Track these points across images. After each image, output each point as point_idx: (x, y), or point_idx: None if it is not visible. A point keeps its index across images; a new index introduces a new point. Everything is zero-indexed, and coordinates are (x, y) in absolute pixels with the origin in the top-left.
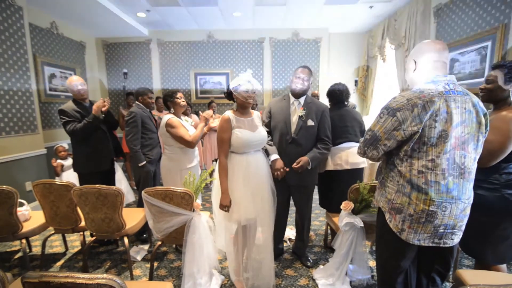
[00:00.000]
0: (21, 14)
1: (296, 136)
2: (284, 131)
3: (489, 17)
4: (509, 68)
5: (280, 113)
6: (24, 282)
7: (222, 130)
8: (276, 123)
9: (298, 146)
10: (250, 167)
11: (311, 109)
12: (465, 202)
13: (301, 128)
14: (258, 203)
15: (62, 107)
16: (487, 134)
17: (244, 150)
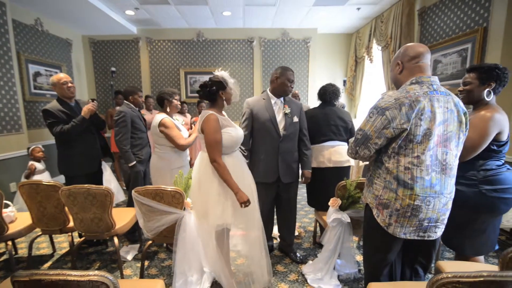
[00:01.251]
0: (4, 10)
1: (286, 133)
2: (273, 130)
3: (469, 20)
4: (483, 70)
5: (265, 113)
6: (14, 281)
7: (214, 131)
8: (261, 123)
9: (288, 142)
10: (237, 166)
11: (292, 106)
12: (447, 197)
13: (289, 125)
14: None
15: (46, 107)
16: (467, 132)
17: (232, 150)
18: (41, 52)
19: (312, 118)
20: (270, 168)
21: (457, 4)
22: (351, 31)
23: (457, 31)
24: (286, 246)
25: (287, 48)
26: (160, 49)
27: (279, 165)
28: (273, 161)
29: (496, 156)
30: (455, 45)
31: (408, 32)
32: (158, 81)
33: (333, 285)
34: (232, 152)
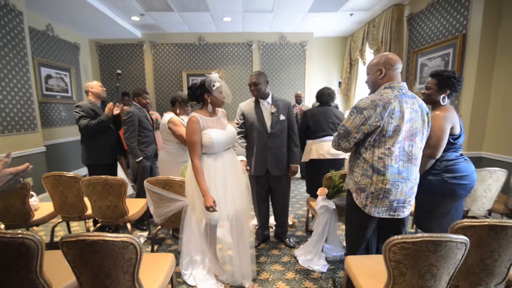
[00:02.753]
0: (21, 19)
1: (273, 131)
2: (261, 129)
3: (451, 27)
4: (442, 77)
5: (253, 114)
6: (63, 242)
7: (191, 132)
8: (251, 123)
9: (275, 138)
10: (226, 166)
11: (279, 105)
12: (412, 182)
13: (276, 123)
14: (237, 200)
15: (79, 103)
16: (429, 129)
17: (216, 150)
18: (52, 55)
19: (313, 116)
20: (260, 162)
21: (440, 11)
22: (346, 34)
23: (440, 36)
24: (280, 233)
25: (284, 51)
26: (164, 52)
27: (267, 159)
28: (262, 156)
29: (453, 148)
30: (439, 50)
31: (398, 36)
32: (162, 82)
33: (321, 265)
34: (213, 153)
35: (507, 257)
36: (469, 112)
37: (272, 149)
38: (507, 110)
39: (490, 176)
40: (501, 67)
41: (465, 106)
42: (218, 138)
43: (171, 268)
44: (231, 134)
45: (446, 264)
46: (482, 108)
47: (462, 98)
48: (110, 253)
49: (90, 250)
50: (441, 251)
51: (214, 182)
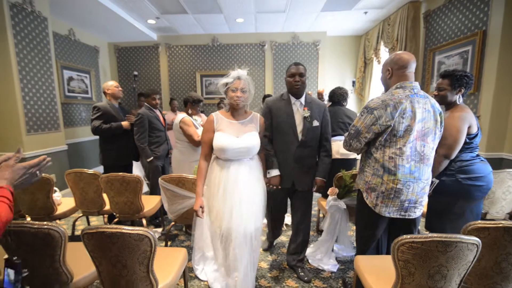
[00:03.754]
0: (46, 24)
1: (304, 139)
2: (290, 134)
3: (470, 23)
4: (455, 77)
5: (283, 114)
6: (84, 233)
7: (203, 131)
8: (278, 124)
9: (306, 148)
10: (230, 177)
11: (313, 108)
12: (424, 182)
13: (308, 130)
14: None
15: (96, 104)
16: (442, 129)
17: (225, 157)
18: (73, 58)
19: None
20: (284, 174)
21: (459, 8)
22: (360, 33)
23: (459, 34)
24: (293, 262)
25: (297, 51)
26: (178, 53)
27: (294, 171)
28: (288, 167)
29: (469, 148)
30: (457, 47)
31: (414, 34)
32: (176, 83)
33: (331, 265)
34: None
35: None
36: (489, 112)
37: (300, 159)
38: None
39: (511, 178)
40: None
41: (485, 106)
42: (224, 144)
43: (183, 262)
44: (243, 144)
45: (456, 265)
46: (503, 108)
47: (481, 98)
48: (127, 244)
49: (109, 241)
50: (451, 252)
51: (217, 190)
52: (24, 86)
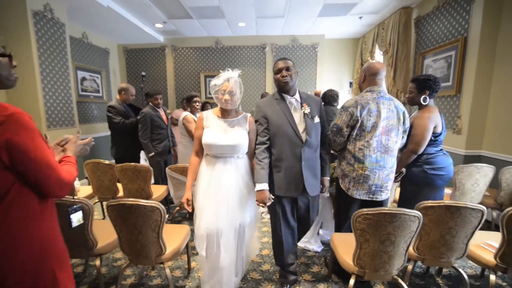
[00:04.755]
0: (63, 29)
1: (309, 138)
2: (292, 135)
3: (454, 30)
4: (419, 81)
5: (280, 116)
6: (109, 205)
7: (195, 128)
8: (277, 128)
9: (311, 148)
10: (215, 174)
11: (311, 104)
12: (388, 170)
13: (311, 128)
14: (222, 214)
15: (112, 104)
16: (406, 126)
17: (212, 153)
18: (86, 60)
19: None
20: (293, 180)
21: (445, 14)
22: (357, 36)
23: (444, 39)
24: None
25: (296, 53)
26: (183, 55)
27: (303, 175)
28: (296, 172)
29: (434, 144)
30: (443, 52)
31: (405, 38)
32: (182, 83)
33: (316, 246)
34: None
35: (463, 234)
36: (469, 113)
37: (308, 161)
38: (506, 111)
39: (478, 171)
40: (501, 69)
41: (465, 107)
42: (210, 140)
43: (186, 236)
44: (228, 142)
45: (402, 234)
46: (481, 109)
47: (462, 99)
48: (142, 214)
49: (128, 212)
50: (397, 222)
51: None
52: (45, 86)
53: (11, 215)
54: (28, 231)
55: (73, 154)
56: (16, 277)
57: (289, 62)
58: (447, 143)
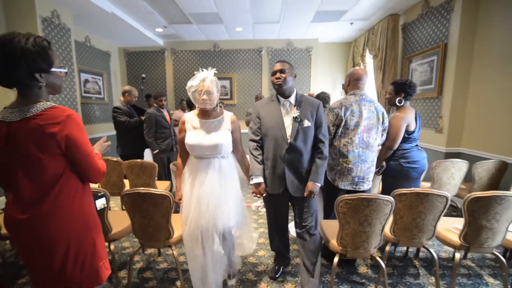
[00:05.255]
0: (69, 34)
1: (293, 142)
2: (279, 137)
3: (436, 36)
4: (397, 84)
5: (271, 117)
6: (124, 194)
7: (178, 131)
8: (267, 128)
9: (296, 151)
10: (201, 173)
11: (305, 107)
12: (369, 163)
13: (298, 132)
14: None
15: (117, 105)
16: (385, 125)
17: (195, 154)
18: (89, 63)
19: None
20: (276, 178)
21: (428, 22)
22: (349, 40)
23: (428, 45)
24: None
25: (291, 56)
26: (182, 58)
27: (286, 176)
28: (279, 172)
29: (408, 140)
30: (426, 57)
31: (393, 43)
32: (180, 85)
33: None
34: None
35: (431, 217)
36: (449, 113)
37: (291, 163)
38: (481, 112)
39: (453, 166)
40: (477, 73)
41: (446, 108)
42: (193, 142)
43: None
44: (209, 143)
45: (377, 216)
46: (460, 110)
47: (443, 101)
48: (154, 202)
49: (141, 200)
50: (372, 206)
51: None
52: None
53: (63, 192)
54: (74, 206)
55: (99, 152)
56: (66, 242)
57: (286, 64)
58: (430, 141)
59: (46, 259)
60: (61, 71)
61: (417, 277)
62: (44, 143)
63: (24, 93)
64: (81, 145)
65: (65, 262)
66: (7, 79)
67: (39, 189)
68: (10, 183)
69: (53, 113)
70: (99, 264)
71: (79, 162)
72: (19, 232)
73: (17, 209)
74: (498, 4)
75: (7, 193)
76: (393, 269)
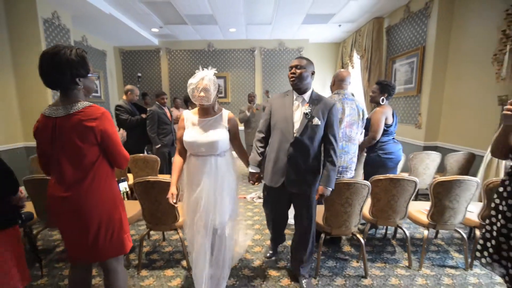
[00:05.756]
0: (69, 35)
1: (299, 136)
2: (286, 130)
3: (415, 39)
4: (382, 85)
5: (281, 110)
6: (135, 183)
7: (177, 128)
8: (276, 120)
9: (301, 147)
10: (198, 170)
11: (318, 106)
12: (351, 154)
13: (306, 127)
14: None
15: (120, 104)
16: (365, 120)
17: (193, 152)
18: None
19: None
20: (276, 171)
21: (409, 26)
22: (338, 41)
23: (409, 47)
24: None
25: (283, 56)
26: (177, 57)
27: (286, 169)
28: (281, 164)
29: (386, 133)
30: (407, 58)
31: (378, 45)
32: (175, 84)
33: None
34: (197, 154)
35: (403, 199)
36: (427, 111)
37: (294, 158)
38: (455, 109)
39: (428, 157)
40: (452, 73)
41: (424, 106)
42: (190, 139)
43: None
44: (206, 141)
45: (356, 198)
46: (436, 108)
47: (422, 99)
48: (162, 189)
49: (150, 187)
50: (352, 189)
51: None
52: None
53: (97, 175)
54: (106, 186)
55: None
56: (99, 217)
57: (303, 60)
58: (411, 136)
59: (82, 231)
60: (93, 76)
61: (393, 254)
62: (84, 135)
63: (66, 94)
64: (112, 137)
65: (98, 234)
66: (54, 84)
67: (79, 172)
68: (53, 168)
69: (91, 111)
70: (124, 236)
71: (111, 150)
72: (62, 207)
73: (61, 188)
74: (471, 11)
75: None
76: (373, 248)
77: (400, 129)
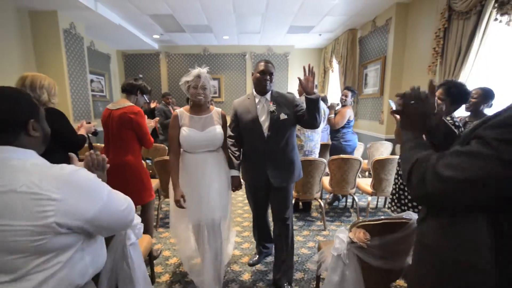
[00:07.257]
0: (83, 42)
1: (271, 134)
2: (256, 132)
3: (379, 50)
4: (350, 90)
5: (247, 114)
6: (156, 161)
7: (170, 127)
8: (245, 125)
9: (274, 142)
10: (198, 167)
11: (280, 102)
12: (315, 141)
13: (274, 124)
14: (206, 205)
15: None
16: (326, 117)
17: (192, 150)
18: (94, 64)
19: None
20: (257, 170)
21: (375, 38)
22: (321, 47)
23: (375, 55)
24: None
25: (271, 60)
26: (176, 60)
27: (267, 166)
28: (260, 163)
29: (347, 127)
30: (374, 65)
31: (352, 53)
32: (174, 85)
33: None
34: (195, 152)
35: (352, 174)
36: (387, 109)
37: (271, 154)
38: None
39: (381, 146)
40: (407, 78)
41: (385, 105)
42: (189, 138)
43: None
44: (207, 137)
45: (317, 171)
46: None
47: (384, 99)
48: None
49: (167, 164)
50: (313, 165)
51: (186, 181)
52: (71, 88)
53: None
54: (139, 157)
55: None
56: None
57: (272, 67)
58: (375, 130)
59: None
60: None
61: (349, 217)
62: (125, 123)
63: (127, 98)
64: (143, 127)
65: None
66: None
67: (121, 147)
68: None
69: (132, 109)
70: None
71: (141, 135)
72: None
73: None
74: (418, 30)
75: None
76: (334, 214)
77: (368, 124)
